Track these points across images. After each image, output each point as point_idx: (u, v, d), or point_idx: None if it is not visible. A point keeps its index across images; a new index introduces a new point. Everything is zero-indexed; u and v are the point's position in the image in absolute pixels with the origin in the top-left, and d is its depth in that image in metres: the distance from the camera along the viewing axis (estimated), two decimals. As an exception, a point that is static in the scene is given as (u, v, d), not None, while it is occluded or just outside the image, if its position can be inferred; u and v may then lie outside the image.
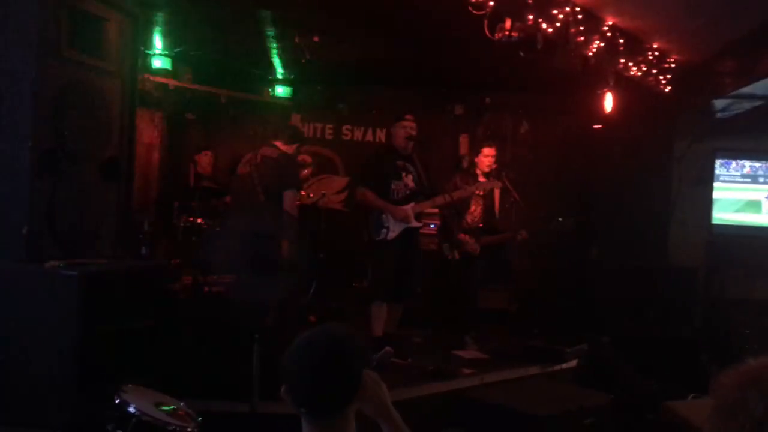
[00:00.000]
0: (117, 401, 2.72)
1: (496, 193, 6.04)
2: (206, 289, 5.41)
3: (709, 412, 1.44)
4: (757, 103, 6.38)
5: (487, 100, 8.17)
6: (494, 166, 5.94)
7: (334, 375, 1.74)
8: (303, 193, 7.20)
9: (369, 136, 8.42)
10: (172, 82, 7.24)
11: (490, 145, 6.07)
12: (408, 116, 5.31)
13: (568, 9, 4.83)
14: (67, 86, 3.36)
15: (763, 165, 6.98)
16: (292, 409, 1.78)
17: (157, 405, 2.83)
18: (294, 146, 5.78)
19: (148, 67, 6.93)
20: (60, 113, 3.30)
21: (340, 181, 8.32)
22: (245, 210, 4.96)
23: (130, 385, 2.87)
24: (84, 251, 3.43)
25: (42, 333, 3.08)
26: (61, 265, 3.16)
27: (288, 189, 5.36)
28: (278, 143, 5.61)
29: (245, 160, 5.67)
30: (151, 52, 6.91)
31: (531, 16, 4.63)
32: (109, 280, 3.29)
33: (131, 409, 2.69)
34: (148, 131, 7.58)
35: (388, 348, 5.02)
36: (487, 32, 4.60)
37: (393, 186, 5.26)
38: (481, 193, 5.90)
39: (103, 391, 2.80)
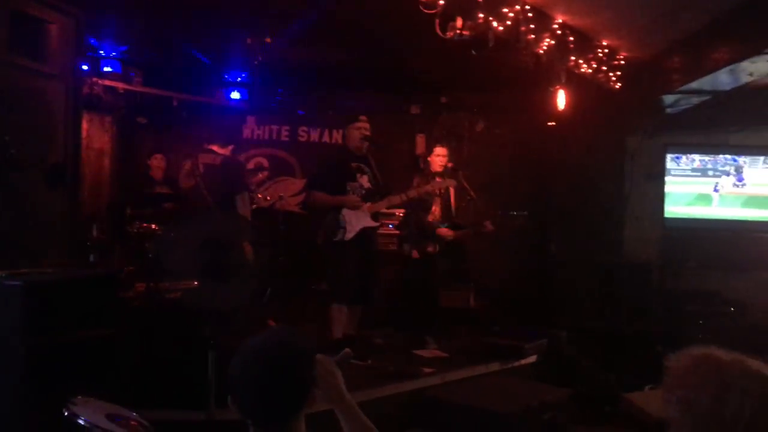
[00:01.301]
0: (66, 414, 2.63)
1: (451, 191, 6.06)
2: (161, 296, 5.30)
3: (675, 416, 1.43)
4: (705, 97, 6.51)
5: (443, 99, 8.20)
6: (449, 165, 5.96)
7: (279, 384, 1.69)
8: (260, 196, 7.12)
9: (326, 137, 8.38)
10: (121, 86, 7.09)
11: (442, 145, 6.10)
12: (362, 117, 5.31)
13: (518, 7, 4.87)
14: (7, 90, 3.24)
15: (712, 158, 7.13)
16: (239, 417, 1.74)
17: (109, 416, 2.75)
18: (229, 148, 5.74)
19: (97, 71, 6.77)
20: (0, 118, 3.19)
21: (297, 183, 8.25)
22: (199, 216, 4.88)
23: (80, 397, 2.78)
24: (28, 261, 3.32)
25: (-15, 345, 2.96)
26: (3, 275, 3.05)
27: (238, 193, 5.31)
28: (215, 147, 5.56)
29: (185, 171, 5.59)
30: (100, 54, 6.75)
31: (482, 15, 4.65)
32: (55, 289, 3.18)
33: (81, 422, 2.60)
34: (99, 136, 7.42)
35: (347, 350, 4.96)
36: (438, 31, 4.60)
37: (348, 187, 5.24)
38: (438, 192, 5.92)
39: (52, 405, 2.71)
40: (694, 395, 1.39)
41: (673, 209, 7.18)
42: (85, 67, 6.19)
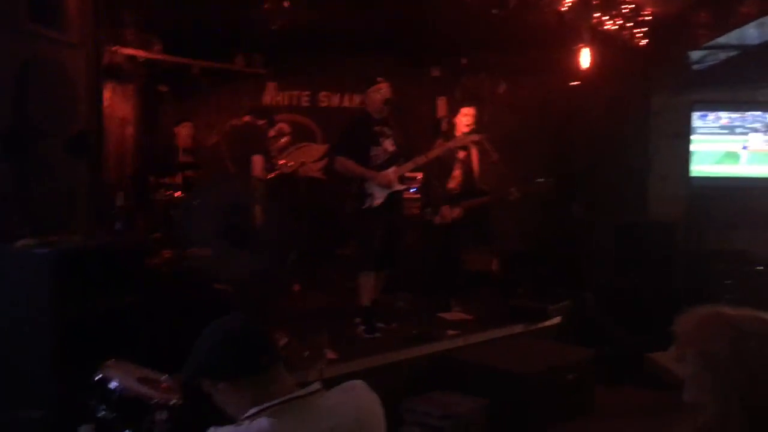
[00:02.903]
0: (98, 377, 2.69)
1: (474, 155, 6.01)
2: (187, 263, 5.37)
3: (693, 372, 1.43)
4: (732, 53, 6.36)
5: (464, 61, 8.09)
6: (473, 126, 5.90)
7: (248, 335, 1.84)
8: (282, 162, 7.13)
9: (346, 102, 8.35)
10: (142, 54, 7.09)
11: (468, 106, 6.03)
12: (379, 79, 5.23)
13: (540, -36, 4.77)
14: (28, 61, 3.26)
15: (740, 116, 6.97)
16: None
17: (140, 379, 2.81)
18: (264, 121, 5.76)
19: (117, 39, 6.77)
20: (22, 89, 3.21)
21: (319, 148, 8.25)
22: (216, 182, 4.94)
23: (112, 360, 2.84)
24: (56, 228, 3.37)
25: (16, 313, 3.03)
26: (32, 243, 3.10)
27: (254, 154, 5.34)
28: (246, 119, 5.60)
29: (214, 131, 5.65)
30: (120, 23, 6.74)
31: (503, -27, 4.57)
32: (83, 257, 3.22)
33: (113, 384, 2.67)
34: (121, 105, 7.45)
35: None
36: (459, -10, 4.53)
37: (372, 152, 5.18)
38: (461, 155, 5.88)
39: (84, 369, 2.78)
40: (711, 347, 1.39)
41: (699, 168, 7.06)
42: (104, 36, 6.18)
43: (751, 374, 1.34)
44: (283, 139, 7.78)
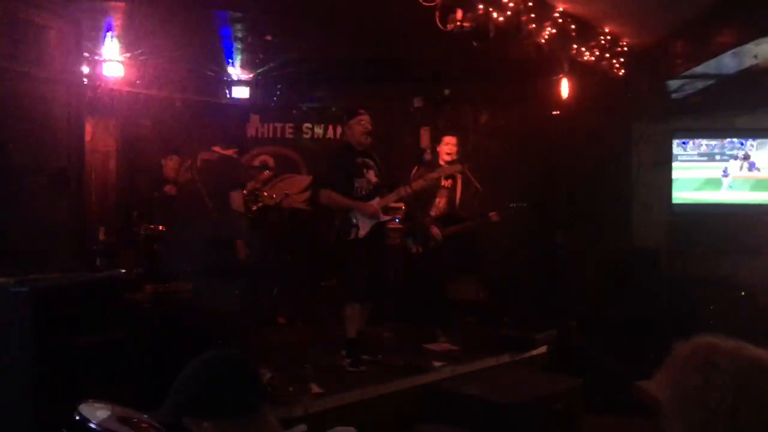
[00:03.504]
0: (77, 418, 2.64)
1: (458, 183, 6.04)
2: (170, 297, 5.32)
3: (666, 403, 1.42)
4: (710, 81, 6.47)
5: (446, 91, 8.16)
6: (455, 155, 5.93)
7: (241, 372, 1.80)
8: (266, 194, 7.12)
9: (330, 133, 8.36)
10: (124, 89, 7.10)
11: (451, 134, 6.07)
12: (361, 111, 5.25)
13: (518, -3, 4.85)
14: (7, 98, 3.25)
15: (719, 143, 7.08)
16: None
17: (120, 419, 2.75)
18: (233, 150, 5.77)
19: (99, 74, 6.77)
20: (2, 125, 3.19)
21: (303, 180, 8.25)
22: (195, 219, 4.91)
23: (90, 400, 2.79)
24: (36, 266, 3.33)
25: (-5, 352, 2.98)
26: (11, 282, 3.06)
27: (232, 189, 5.33)
28: (216, 148, 5.60)
29: (185, 166, 5.62)
30: (102, 58, 6.75)
31: (481, 6, 4.64)
32: (63, 294, 3.19)
33: (92, 425, 2.61)
34: (104, 139, 7.44)
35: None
36: (439, 24, 4.58)
37: (356, 183, 5.19)
38: (447, 185, 5.91)
39: (62, 408, 2.72)
40: (684, 377, 1.38)
41: (681, 195, 7.13)
42: (87, 71, 6.19)
43: (712, 412, 1.33)
44: (267, 172, 7.79)
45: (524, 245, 7.37)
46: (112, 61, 6.76)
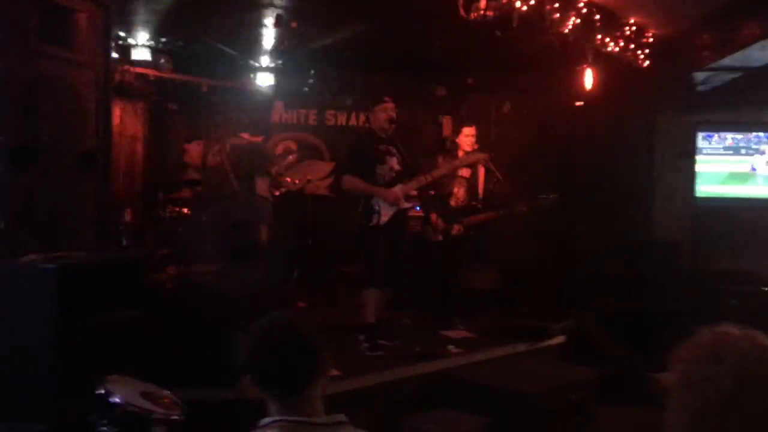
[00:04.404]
0: (101, 392, 2.72)
1: (481, 173, 6.05)
2: (192, 278, 5.42)
3: (671, 387, 1.44)
4: (736, 74, 6.40)
5: (470, 80, 8.15)
6: (476, 146, 5.95)
7: (293, 352, 1.80)
8: (288, 179, 7.19)
9: (353, 121, 8.40)
10: (152, 73, 7.19)
11: (469, 125, 6.08)
12: (387, 99, 5.29)
13: (542, -14, 4.84)
14: (38, 80, 3.34)
15: (745, 137, 7.00)
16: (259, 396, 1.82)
17: (143, 394, 2.84)
18: (261, 137, 5.85)
19: (127, 58, 6.88)
20: (32, 107, 3.28)
21: (326, 166, 8.30)
22: (221, 200, 5.00)
23: (115, 376, 2.87)
24: (63, 244, 3.42)
25: (22, 327, 3.08)
26: (39, 259, 3.16)
27: (258, 174, 5.42)
28: (245, 135, 5.69)
29: (215, 150, 5.72)
30: (130, 43, 6.85)
31: (505, -6, 4.63)
32: (88, 272, 3.28)
33: (115, 399, 2.69)
34: (132, 123, 7.55)
35: None
36: (462, 12, 4.59)
37: (378, 170, 5.22)
38: (465, 174, 5.92)
39: (86, 383, 2.81)
40: (689, 367, 1.38)
41: (704, 188, 7.07)
42: (115, 55, 6.29)
43: (712, 402, 1.33)
44: (291, 157, 7.86)
45: (544, 235, 7.36)
46: (140, 45, 6.86)
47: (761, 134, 6.95)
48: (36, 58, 3.34)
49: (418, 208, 6.57)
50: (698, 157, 7.03)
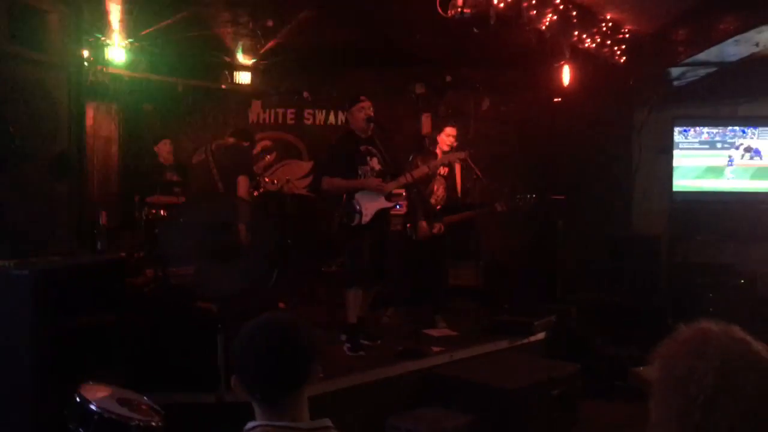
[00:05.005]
0: (77, 400, 2.67)
1: (458, 171, 6.04)
2: (169, 281, 5.35)
3: (654, 384, 1.44)
4: (711, 69, 6.45)
5: (448, 78, 8.14)
6: (454, 145, 5.94)
7: (280, 358, 1.76)
8: (267, 179, 7.14)
9: (331, 119, 8.36)
10: (126, 73, 7.10)
11: (452, 125, 6.06)
12: (362, 97, 5.24)
13: (519, -17, 4.84)
14: (9, 82, 3.27)
15: (721, 131, 7.07)
16: (244, 398, 1.79)
17: (120, 400, 2.79)
18: (246, 143, 5.88)
19: (101, 59, 6.77)
20: (3, 110, 3.21)
21: (304, 165, 8.27)
22: (203, 200, 4.96)
23: (90, 383, 2.82)
24: (36, 249, 3.36)
25: (-4, 335, 3.01)
26: (11, 264, 3.09)
27: (241, 174, 5.42)
28: (230, 139, 5.71)
29: (200, 150, 5.74)
30: (104, 43, 6.75)
31: (482, -8, 4.63)
32: (63, 277, 3.22)
33: (92, 407, 2.65)
34: (106, 124, 7.46)
35: None
36: (439, 10, 4.58)
37: (360, 171, 5.19)
38: (443, 171, 5.91)
39: (63, 391, 2.76)
40: (672, 364, 1.39)
41: (682, 183, 7.13)
42: (87, 55, 6.20)
43: (692, 400, 1.34)
44: (268, 157, 7.81)
45: (524, 231, 7.39)
46: (113, 45, 6.76)
47: (737, 128, 7.03)
48: (6, 60, 3.27)
49: (399, 206, 6.55)
50: (675, 152, 7.09)
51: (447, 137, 5.95)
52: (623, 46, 6.14)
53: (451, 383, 4.88)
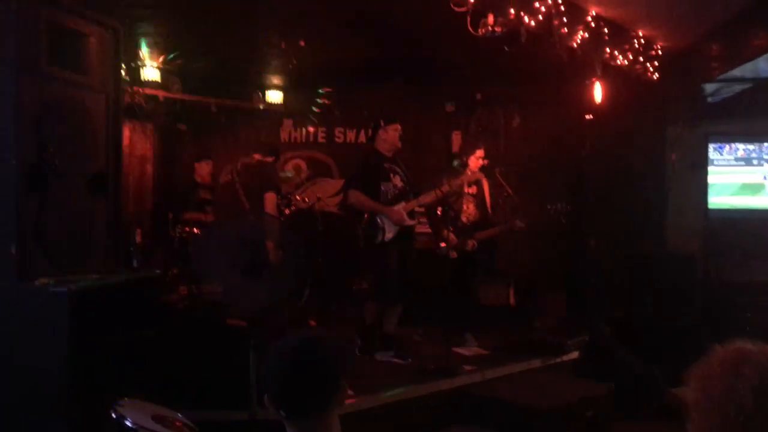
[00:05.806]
0: (114, 416, 2.71)
1: (485, 188, 6.03)
2: (203, 298, 5.42)
3: (691, 404, 1.43)
4: (746, 85, 6.37)
5: (478, 96, 8.16)
6: (486, 164, 5.93)
7: (311, 377, 1.77)
8: (298, 197, 7.20)
9: (362, 138, 8.41)
10: (161, 94, 7.24)
11: (481, 147, 6.06)
12: (395, 119, 5.40)
13: (550, 1, 4.84)
14: (49, 103, 3.34)
15: (757, 147, 6.95)
16: (276, 416, 1.80)
17: (155, 417, 2.82)
18: (272, 158, 5.96)
19: (137, 80, 6.92)
20: (43, 130, 3.29)
21: (335, 184, 8.31)
22: (228, 219, 5.04)
23: (126, 399, 2.87)
24: (74, 267, 3.42)
25: (35, 351, 3.06)
26: (51, 282, 3.15)
27: (267, 191, 5.51)
28: (257, 156, 5.81)
29: (227, 170, 5.84)
30: (139, 65, 6.90)
31: (513, 10, 4.63)
32: (100, 294, 3.27)
33: (128, 423, 2.69)
34: (141, 143, 7.60)
35: None
36: (470, 28, 4.59)
37: (383, 188, 5.32)
38: (471, 191, 5.92)
39: (100, 407, 2.80)
40: (710, 384, 1.38)
41: (717, 200, 7.02)
42: (125, 77, 6.33)
43: (732, 419, 1.32)
44: (301, 175, 7.89)
45: (556, 249, 7.32)
46: (149, 66, 6.91)
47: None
48: (47, 81, 3.35)
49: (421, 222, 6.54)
50: (710, 169, 7.00)
51: (477, 159, 5.95)
52: (656, 63, 6.09)
53: (483, 402, 4.84)
